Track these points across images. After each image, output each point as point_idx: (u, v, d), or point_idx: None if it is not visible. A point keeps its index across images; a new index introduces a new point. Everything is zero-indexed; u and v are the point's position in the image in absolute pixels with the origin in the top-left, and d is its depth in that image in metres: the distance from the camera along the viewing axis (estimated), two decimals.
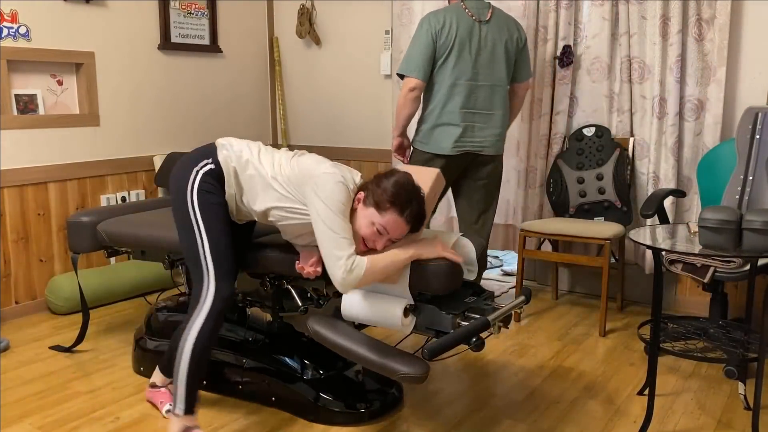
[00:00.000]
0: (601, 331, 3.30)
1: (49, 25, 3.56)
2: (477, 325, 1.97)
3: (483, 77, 3.03)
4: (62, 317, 3.58)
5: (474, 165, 3.13)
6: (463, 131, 3.03)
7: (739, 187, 3.00)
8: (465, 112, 3.02)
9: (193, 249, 2.15)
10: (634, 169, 3.59)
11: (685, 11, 3.31)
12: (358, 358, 2.09)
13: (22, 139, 3.51)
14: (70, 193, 3.74)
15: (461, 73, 2.99)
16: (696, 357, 2.38)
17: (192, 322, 2.10)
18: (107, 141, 3.89)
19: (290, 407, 2.49)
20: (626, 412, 2.51)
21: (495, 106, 3.07)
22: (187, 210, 2.16)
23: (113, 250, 2.94)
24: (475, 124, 3.04)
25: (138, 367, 2.86)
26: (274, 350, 2.55)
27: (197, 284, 2.15)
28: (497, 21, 3.07)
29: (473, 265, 2.20)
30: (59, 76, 3.70)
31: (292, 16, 4.70)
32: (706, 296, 3.46)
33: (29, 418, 2.48)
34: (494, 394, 2.67)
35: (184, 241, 2.19)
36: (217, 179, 2.18)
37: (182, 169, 2.22)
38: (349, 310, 2.17)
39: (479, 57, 3.01)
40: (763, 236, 2.06)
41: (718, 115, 3.29)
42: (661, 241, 2.31)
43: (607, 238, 3.23)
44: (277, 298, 2.57)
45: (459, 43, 2.96)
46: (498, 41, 3.04)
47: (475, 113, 3.04)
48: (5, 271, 3.51)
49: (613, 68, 3.59)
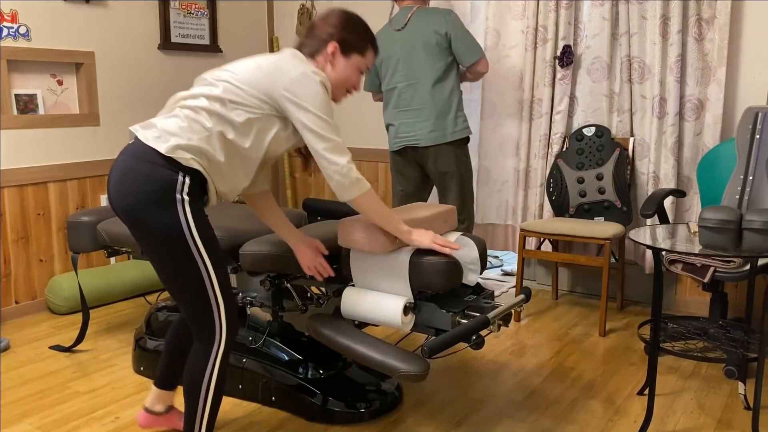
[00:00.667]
0: (601, 331, 3.30)
1: (49, 25, 3.56)
2: (477, 323, 1.97)
3: (406, 78, 3.35)
4: (62, 317, 3.58)
5: (421, 159, 3.41)
6: (398, 128, 3.40)
7: (739, 186, 3.00)
8: (396, 111, 3.41)
9: (197, 287, 1.87)
10: (634, 169, 3.59)
11: (685, 11, 3.31)
12: (358, 357, 2.09)
13: (22, 139, 3.51)
14: (70, 192, 3.74)
15: (391, 80, 3.41)
16: (696, 357, 2.38)
17: (210, 362, 1.92)
18: (107, 141, 3.89)
19: (290, 407, 2.49)
20: (626, 412, 2.51)
21: (421, 101, 3.32)
22: (188, 250, 1.83)
23: (113, 250, 2.95)
24: (404, 120, 3.38)
25: (138, 367, 2.86)
26: (274, 350, 2.55)
27: (203, 319, 1.90)
28: (416, 22, 3.33)
29: (476, 264, 2.20)
30: (59, 76, 3.70)
31: (292, 16, 4.70)
32: (706, 296, 3.46)
33: (29, 418, 2.48)
34: (494, 394, 2.67)
35: (181, 279, 1.87)
36: (200, 188, 1.88)
37: (154, 207, 1.80)
38: (349, 309, 2.17)
39: (401, 61, 3.35)
40: (763, 236, 2.06)
41: (718, 114, 3.29)
42: (661, 241, 2.31)
43: (607, 238, 3.23)
44: (277, 298, 2.57)
45: (386, 57, 3.40)
46: (417, 41, 3.31)
47: (403, 111, 3.38)
48: (5, 271, 3.51)
49: (613, 68, 3.59)
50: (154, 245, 1.85)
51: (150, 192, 1.80)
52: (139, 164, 1.82)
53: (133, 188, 1.81)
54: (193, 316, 1.92)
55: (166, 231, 1.81)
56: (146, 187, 1.80)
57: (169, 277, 1.89)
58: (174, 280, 1.88)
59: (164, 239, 1.82)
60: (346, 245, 2.15)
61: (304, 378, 2.47)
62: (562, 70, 3.65)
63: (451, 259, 2.04)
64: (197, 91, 1.90)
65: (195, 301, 1.89)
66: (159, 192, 1.80)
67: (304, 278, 2.43)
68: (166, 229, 1.81)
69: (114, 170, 1.87)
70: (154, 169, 1.80)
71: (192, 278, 1.86)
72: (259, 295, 2.60)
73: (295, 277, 2.43)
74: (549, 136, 3.75)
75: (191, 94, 1.91)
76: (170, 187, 1.80)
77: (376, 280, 2.13)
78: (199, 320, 1.91)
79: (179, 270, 1.86)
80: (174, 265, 1.85)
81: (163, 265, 1.88)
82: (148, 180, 1.80)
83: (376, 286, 2.13)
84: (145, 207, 1.80)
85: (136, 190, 1.81)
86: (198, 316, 1.91)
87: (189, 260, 1.84)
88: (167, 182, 1.80)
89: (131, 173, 1.83)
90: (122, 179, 1.84)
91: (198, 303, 1.89)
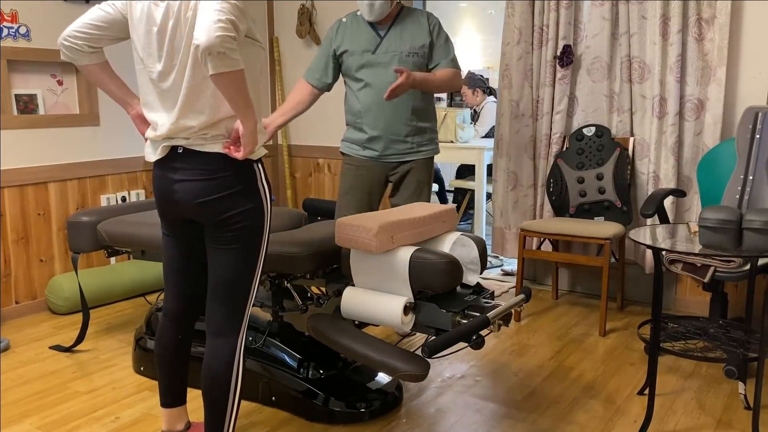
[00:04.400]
0: (601, 330, 3.30)
1: (49, 25, 3.56)
2: (477, 322, 1.97)
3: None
4: (62, 317, 3.58)
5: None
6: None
7: (739, 186, 3.00)
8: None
9: (245, 287, 1.91)
10: (634, 169, 3.59)
11: (685, 11, 3.31)
12: (358, 357, 2.09)
13: (22, 139, 3.51)
14: (70, 192, 3.74)
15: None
16: (696, 357, 2.38)
17: (237, 353, 1.92)
18: (107, 141, 3.89)
19: (290, 407, 2.49)
20: (626, 412, 2.51)
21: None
22: (260, 243, 1.90)
23: (113, 250, 2.95)
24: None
25: (138, 367, 2.86)
26: (275, 350, 2.55)
27: (233, 317, 1.92)
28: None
29: (476, 264, 2.20)
30: (59, 76, 3.70)
31: (292, 16, 4.71)
32: (706, 296, 3.46)
33: (29, 418, 2.48)
34: (494, 393, 2.67)
35: (235, 275, 1.89)
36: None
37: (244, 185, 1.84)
38: (349, 309, 2.18)
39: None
40: (764, 236, 2.06)
41: (718, 114, 3.29)
42: (661, 240, 2.31)
43: (607, 238, 3.23)
44: (278, 298, 2.57)
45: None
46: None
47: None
48: (5, 271, 3.51)
49: (613, 68, 3.59)
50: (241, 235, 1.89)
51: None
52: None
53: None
54: (223, 306, 1.91)
55: (253, 221, 1.89)
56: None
57: (232, 267, 1.91)
58: (234, 271, 1.90)
59: (248, 230, 1.88)
60: (343, 245, 2.15)
61: (304, 378, 2.47)
62: (562, 70, 3.65)
63: (451, 259, 2.04)
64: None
65: (233, 295, 1.91)
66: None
67: (305, 278, 2.43)
68: (251, 218, 1.89)
69: None
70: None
71: (245, 272, 1.90)
72: (260, 295, 2.60)
73: (295, 277, 2.43)
74: (549, 136, 3.75)
75: None
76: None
77: (376, 280, 2.13)
78: (226, 310, 1.91)
79: (241, 262, 1.89)
80: (238, 255, 1.89)
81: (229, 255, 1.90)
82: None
83: (376, 286, 2.13)
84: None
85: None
86: (224, 306, 1.91)
87: (252, 256, 1.89)
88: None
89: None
90: None
91: (235, 297, 1.91)
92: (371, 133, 2.93)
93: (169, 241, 2.03)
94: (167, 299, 2.09)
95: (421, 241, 2.24)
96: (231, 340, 1.92)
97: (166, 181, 1.89)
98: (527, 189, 3.87)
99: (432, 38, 2.90)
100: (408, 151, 2.96)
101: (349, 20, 2.96)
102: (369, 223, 2.07)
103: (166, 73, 1.81)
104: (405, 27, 2.89)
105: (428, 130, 3.00)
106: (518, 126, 3.83)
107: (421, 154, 2.98)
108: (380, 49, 2.87)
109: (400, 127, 2.91)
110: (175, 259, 2.04)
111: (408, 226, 2.15)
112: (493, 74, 7.17)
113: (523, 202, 3.90)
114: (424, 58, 2.90)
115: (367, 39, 2.89)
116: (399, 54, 2.86)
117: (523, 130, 3.83)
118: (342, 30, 2.95)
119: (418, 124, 2.95)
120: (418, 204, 2.41)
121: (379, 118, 2.90)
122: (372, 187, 3.01)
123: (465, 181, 5.58)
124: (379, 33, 2.89)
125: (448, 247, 2.22)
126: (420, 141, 2.98)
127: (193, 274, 2.05)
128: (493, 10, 7.72)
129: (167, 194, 1.90)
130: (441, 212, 2.28)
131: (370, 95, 2.90)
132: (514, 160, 3.88)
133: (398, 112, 2.89)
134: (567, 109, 3.70)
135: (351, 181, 3.02)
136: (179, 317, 2.09)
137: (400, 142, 2.94)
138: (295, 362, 2.50)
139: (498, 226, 4.04)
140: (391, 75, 2.81)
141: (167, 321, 2.10)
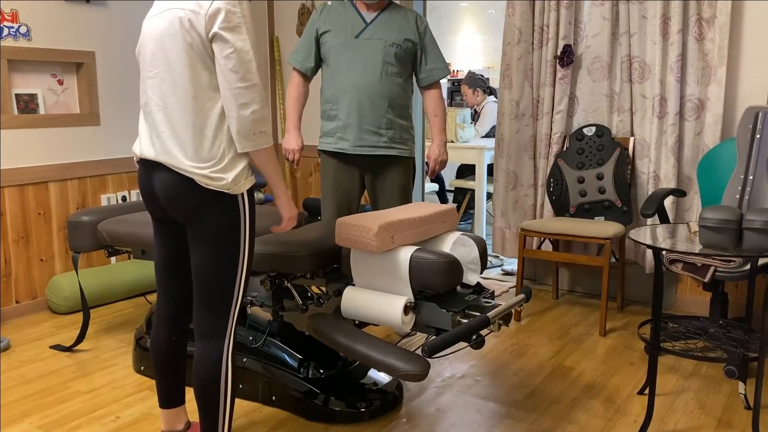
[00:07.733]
0: (601, 330, 3.30)
1: (49, 24, 3.56)
2: (477, 322, 1.97)
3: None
4: (62, 316, 3.58)
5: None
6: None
7: (740, 186, 3.00)
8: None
9: (226, 289, 1.89)
10: (635, 169, 3.59)
11: (685, 11, 3.31)
12: (358, 356, 2.09)
13: (23, 138, 3.51)
14: (70, 192, 3.74)
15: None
16: (696, 356, 2.38)
17: (224, 356, 1.92)
18: (107, 140, 3.89)
19: (290, 407, 2.49)
20: (626, 412, 2.51)
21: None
22: (237, 245, 1.88)
23: (114, 250, 2.95)
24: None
25: (138, 367, 2.86)
26: (275, 350, 2.55)
27: (221, 315, 1.91)
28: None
29: (476, 263, 2.20)
30: (59, 76, 3.70)
31: (292, 16, 4.70)
32: (706, 296, 3.46)
33: (29, 418, 2.48)
34: (494, 393, 2.67)
35: (211, 277, 1.88)
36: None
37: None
38: (349, 309, 2.18)
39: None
40: (764, 236, 2.06)
41: (718, 114, 3.29)
42: (661, 240, 2.31)
43: (607, 238, 3.23)
44: (278, 297, 2.57)
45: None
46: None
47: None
48: (6, 270, 3.51)
49: (614, 68, 3.59)
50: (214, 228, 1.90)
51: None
52: None
53: None
54: (211, 302, 1.91)
55: (226, 215, 1.89)
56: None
57: (211, 260, 1.89)
58: (211, 264, 1.89)
59: (221, 223, 1.88)
60: (343, 244, 2.15)
61: (304, 378, 2.47)
62: (562, 70, 3.65)
63: (451, 259, 2.04)
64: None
65: (217, 288, 1.90)
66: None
67: (305, 278, 2.43)
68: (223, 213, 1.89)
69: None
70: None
71: (226, 265, 1.88)
72: (260, 294, 2.60)
73: (295, 276, 2.43)
74: (549, 136, 3.75)
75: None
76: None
77: (376, 279, 2.13)
78: (212, 307, 1.91)
79: (219, 257, 1.88)
80: (215, 248, 1.88)
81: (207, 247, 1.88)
82: None
83: (376, 286, 2.13)
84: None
85: None
86: (212, 302, 1.90)
87: (232, 248, 1.88)
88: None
89: None
90: None
91: (220, 291, 1.90)
92: (345, 120, 2.87)
93: (158, 242, 2.04)
94: (159, 301, 2.10)
95: (422, 241, 2.24)
96: (217, 344, 1.91)
97: (147, 176, 1.92)
98: (527, 189, 3.88)
99: (421, 39, 2.89)
100: (382, 145, 2.88)
101: (336, 4, 2.93)
102: (369, 222, 2.07)
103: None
104: (392, 18, 2.88)
105: (405, 129, 2.93)
106: (518, 126, 3.84)
107: (393, 150, 2.89)
108: (364, 35, 2.84)
109: (374, 117, 2.85)
110: (164, 261, 2.05)
111: (408, 226, 2.15)
112: (494, 74, 7.17)
113: (523, 201, 3.91)
114: (406, 53, 2.87)
115: (352, 23, 2.86)
116: (383, 42, 2.82)
117: (524, 130, 3.83)
118: (326, 12, 2.91)
119: (394, 119, 2.88)
120: (419, 204, 2.41)
121: (353, 103, 2.84)
122: (351, 191, 2.97)
123: (465, 180, 5.58)
124: (365, 19, 2.87)
125: (449, 246, 2.22)
126: (394, 137, 2.89)
127: (182, 276, 2.05)
128: (493, 10, 7.72)
129: (148, 189, 1.93)
130: (441, 212, 2.28)
131: (348, 79, 2.84)
132: (515, 160, 3.88)
133: (374, 101, 2.84)
134: (567, 109, 3.70)
135: (330, 184, 3.00)
136: (171, 319, 2.09)
137: (373, 133, 2.86)
138: (296, 362, 2.50)
139: (498, 225, 4.04)
140: (371, 62, 2.80)
141: (160, 322, 2.10)
